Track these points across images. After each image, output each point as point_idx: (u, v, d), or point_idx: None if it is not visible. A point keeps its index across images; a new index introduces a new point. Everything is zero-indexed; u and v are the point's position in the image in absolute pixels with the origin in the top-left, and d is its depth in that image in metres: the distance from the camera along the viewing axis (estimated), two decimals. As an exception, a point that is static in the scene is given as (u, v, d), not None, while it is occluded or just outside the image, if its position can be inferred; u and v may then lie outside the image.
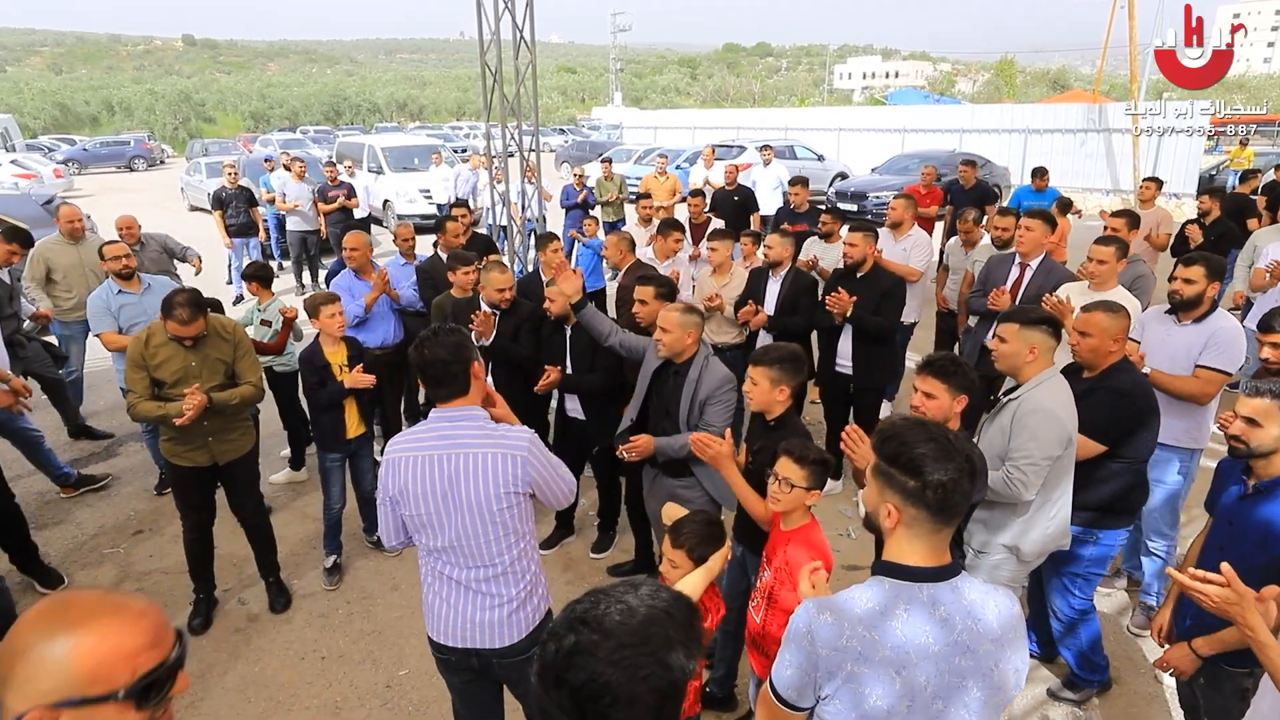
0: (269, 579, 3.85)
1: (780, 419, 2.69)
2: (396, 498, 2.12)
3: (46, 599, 1.01)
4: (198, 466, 3.48)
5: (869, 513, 1.53)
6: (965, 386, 2.51)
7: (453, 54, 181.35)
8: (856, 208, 14.84)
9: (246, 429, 3.66)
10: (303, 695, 3.24)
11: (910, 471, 1.39)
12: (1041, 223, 4.45)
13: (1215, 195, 7.38)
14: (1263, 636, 1.70)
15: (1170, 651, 2.32)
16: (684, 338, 3.06)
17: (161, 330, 3.32)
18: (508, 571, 2.17)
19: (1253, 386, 2.20)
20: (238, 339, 3.52)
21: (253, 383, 3.53)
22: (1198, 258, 3.51)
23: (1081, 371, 2.98)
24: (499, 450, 2.09)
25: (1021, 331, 2.73)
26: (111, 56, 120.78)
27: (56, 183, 19.38)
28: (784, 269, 4.76)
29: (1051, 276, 4.34)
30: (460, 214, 6.29)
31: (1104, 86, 25.84)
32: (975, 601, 1.43)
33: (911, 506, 1.41)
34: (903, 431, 1.45)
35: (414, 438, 2.15)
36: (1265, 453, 2.18)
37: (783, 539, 2.36)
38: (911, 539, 1.43)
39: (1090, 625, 3.06)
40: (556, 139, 34.50)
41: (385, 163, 14.60)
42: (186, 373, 3.33)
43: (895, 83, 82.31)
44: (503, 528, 2.12)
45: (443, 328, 2.20)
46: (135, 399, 3.30)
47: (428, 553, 2.19)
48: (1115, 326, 2.83)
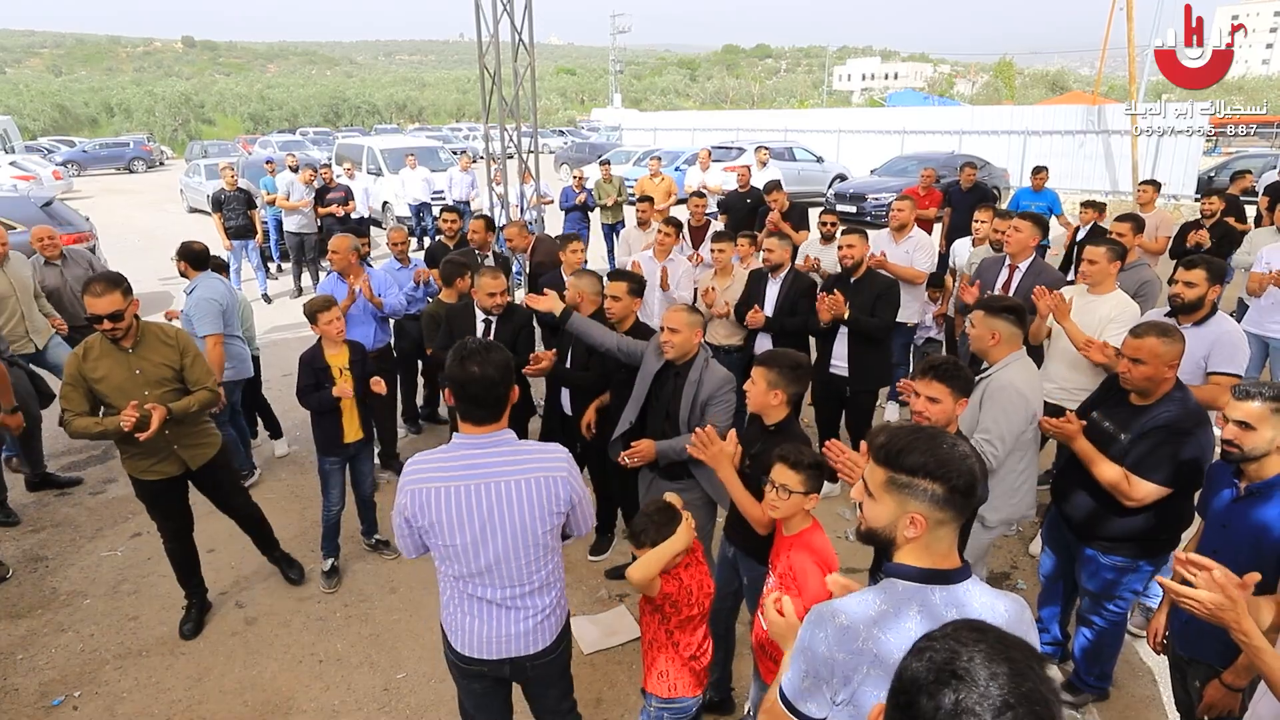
0: (273, 554, 3.89)
1: (780, 424, 2.69)
2: (425, 528, 2.03)
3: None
4: (169, 478, 3.40)
5: (875, 529, 1.49)
6: (967, 389, 2.53)
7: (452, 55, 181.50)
8: (855, 209, 14.85)
9: (211, 429, 3.59)
10: (300, 699, 3.24)
11: (939, 479, 1.40)
12: (1030, 224, 4.49)
13: (1222, 197, 7.41)
14: (1257, 641, 1.70)
15: (1209, 694, 2.26)
16: (692, 337, 3.08)
17: (99, 341, 3.17)
18: (543, 586, 2.16)
19: (1244, 390, 2.20)
20: (182, 344, 3.37)
21: (208, 386, 3.40)
22: (1199, 261, 3.52)
23: (1128, 395, 2.79)
24: (541, 474, 2.04)
25: (986, 319, 3.04)
26: (111, 58, 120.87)
27: (55, 184, 19.36)
28: (784, 271, 4.77)
29: (1041, 278, 4.36)
30: (450, 218, 6.30)
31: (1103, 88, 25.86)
32: (985, 604, 1.43)
33: (939, 511, 1.41)
34: (915, 442, 1.44)
35: (439, 466, 2.03)
36: (1258, 456, 2.19)
37: (785, 544, 2.35)
38: (931, 544, 1.43)
39: (1116, 636, 3.05)
40: (556, 141, 34.51)
41: (384, 164, 14.61)
42: (131, 384, 3.17)
43: (894, 84, 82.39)
44: (542, 548, 2.10)
45: (489, 343, 2.06)
46: (70, 416, 3.11)
47: (456, 578, 2.11)
48: (1170, 352, 2.65)
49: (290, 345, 7.57)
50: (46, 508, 4.77)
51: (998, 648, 0.92)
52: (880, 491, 1.47)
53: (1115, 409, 2.82)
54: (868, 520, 1.51)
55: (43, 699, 3.23)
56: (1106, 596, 2.93)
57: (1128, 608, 3.00)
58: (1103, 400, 2.96)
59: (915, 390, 2.60)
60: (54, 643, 3.58)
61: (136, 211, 18.05)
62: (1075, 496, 2.93)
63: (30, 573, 4.11)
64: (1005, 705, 0.86)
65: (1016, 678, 0.89)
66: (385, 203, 13.79)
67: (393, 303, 5.05)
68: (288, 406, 5.60)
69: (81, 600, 3.89)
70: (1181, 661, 2.49)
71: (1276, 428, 2.16)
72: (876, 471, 1.47)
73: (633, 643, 3.52)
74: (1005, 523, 3.04)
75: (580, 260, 5.03)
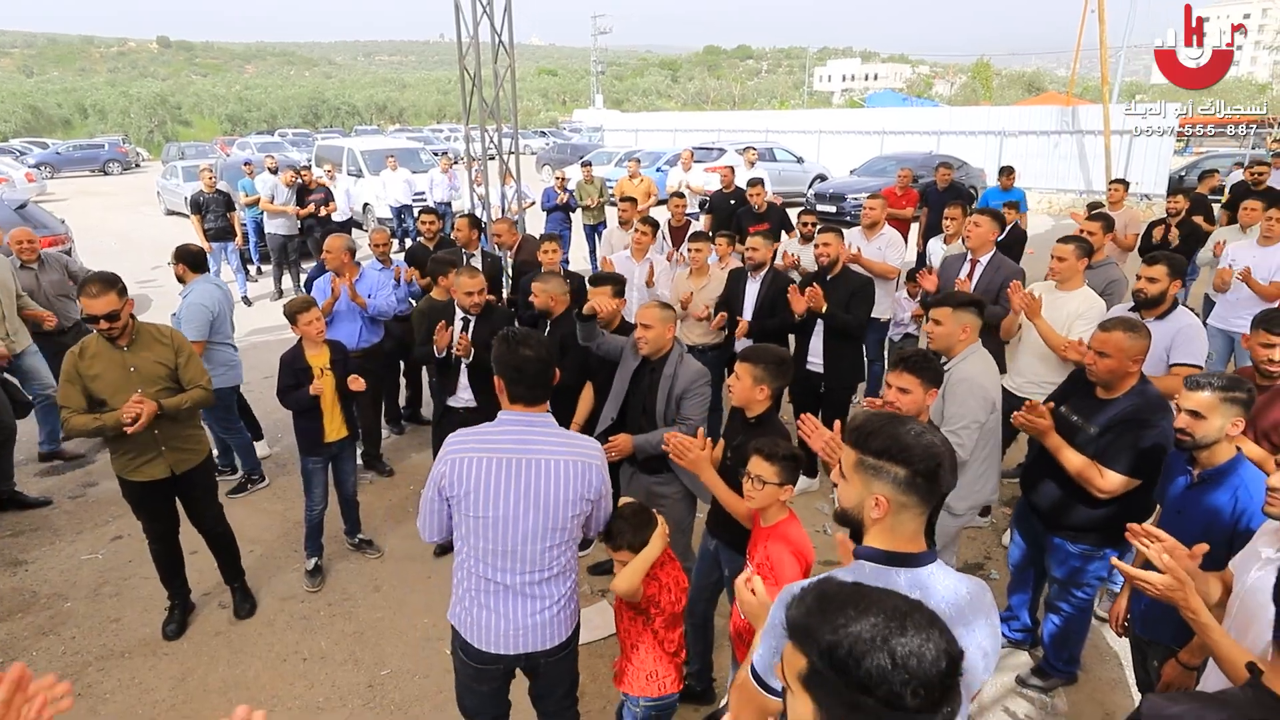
0: (234, 585, 3.84)
1: (760, 417, 2.76)
2: (460, 496, 2.10)
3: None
4: (155, 480, 3.40)
5: (845, 509, 1.57)
6: (937, 380, 2.63)
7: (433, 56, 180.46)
8: (835, 209, 15.00)
9: (200, 436, 3.59)
10: (284, 697, 3.27)
11: (901, 462, 1.46)
12: (989, 220, 4.66)
13: (1188, 195, 7.62)
14: (1204, 618, 1.79)
15: (1166, 672, 2.34)
16: (665, 333, 3.16)
17: (95, 340, 3.23)
18: (560, 573, 2.23)
19: (1195, 381, 2.30)
20: (177, 344, 3.41)
21: (202, 386, 3.44)
22: (1160, 257, 3.64)
23: (1094, 388, 2.89)
24: (579, 459, 2.15)
25: (955, 314, 3.12)
26: (84, 58, 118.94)
27: (29, 187, 19.10)
28: (763, 271, 4.84)
29: (1000, 272, 4.50)
30: (429, 220, 6.35)
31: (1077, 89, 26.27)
32: (948, 587, 1.50)
33: (903, 494, 1.48)
34: (885, 426, 1.52)
35: (483, 439, 2.14)
36: (1209, 444, 2.28)
37: (762, 535, 2.42)
38: (896, 526, 1.50)
39: (1083, 622, 3.14)
40: (537, 142, 34.49)
41: (365, 166, 14.55)
42: (125, 382, 3.21)
43: (874, 85, 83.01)
44: (567, 534, 2.18)
45: (529, 330, 2.22)
46: (69, 414, 3.17)
47: (478, 558, 2.16)
48: (1135, 346, 2.74)
49: (271, 347, 7.55)
50: (25, 512, 4.74)
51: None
52: (850, 472, 1.55)
53: (1082, 402, 2.92)
54: (840, 500, 1.59)
55: (24, 701, 3.22)
56: (1073, 583, 3.03)
57: (1094, 594, 3.10)
58: (1070, 393, 3.05)
59: (888, 382, 2.68)
60: (35, 645, 3.57)
61: (112, 214, 17.83)
62: (1043, 487, 3.03)
63: (10, 576, 4.09)
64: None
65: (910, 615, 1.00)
66: (366, 204, 13.74)
67: (381, 304, 5.06)
68: (269, 408, 5.60)
69: (62, 603, 3.88)
70: (1142, 643, 2.60)
71: (1226, 416, 2.26)
72: (848, 454, 1.55)
73: (614, 637, 3.59)
74: (972, 509, 3.15)
75: (555, 260, 5.07)
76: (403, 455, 5.56)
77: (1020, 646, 3.50)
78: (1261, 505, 1.92)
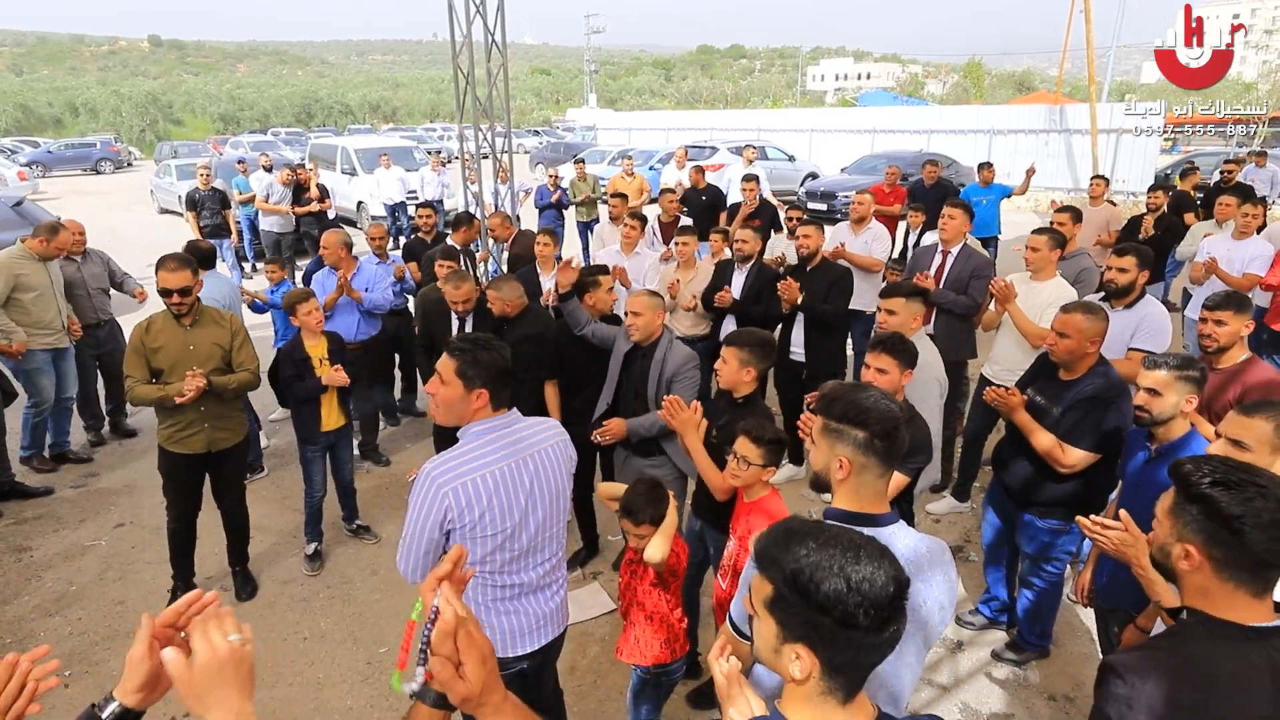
0: (236, 568, 3.97)
1: (747, 398, 2.89)
2: (474, 521, 2.03)
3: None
4: (192, 454, 3.60)
5: (817, 472, 1.71)
6: (912, 362, 2.76)
7: (425, 55, 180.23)
8: (826, 207, 15.15)
9: (241, 419, 3.79)
10: (286, 674, 3.38)
11: (859, 424, 1.60)
12: (962, 212, 4.80)
13: (1167, 191, 7.81)
14: (1151, 574, 1.92)
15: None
16: (654, 319, 3.29)
17: (161, 317, 3.51)
18: (563, 555, 2.35)
19: (1152, 360, 2.44)
20: (235, 327, 3.68)
21: (251, 370, 3.67)
22: (1129, 249, 3.79)
23: (1057, 370, 3.04)
24: (556, 439, 2.25)
25: (908, 303, 3.35)
26: (74, 57, 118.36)
27: (21, 185, 19.08)
28: (750, 263, 4.97)
29: (970, 262, 4.66)
30: (425, 214, 6.49)
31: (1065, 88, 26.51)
32: (909, 545, 1.63)
33: (862, 455, 1.60)
34: (846, 392, 1.66)
35: (473, 458, 2.05)
36: (1165, 419, 2.42)
37: (745, 509, 2.54)
38: (859, 488, 1.63)
39: (1054, 597, 3.28)
40: (531, 140, 34.52)
41: (359, 164, 14.64)
42: (183, 358, 3.46)
43: (867, 84, 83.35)
44: (566, 512, 2.30)
45: (479, 334, 2.23)
46: (133, 383, 3.45)
47: (494, 571, 2.13)
48: (1093, 328, 2.89)
49: (265, 343, 7.61)
50: (28, 500, 4.83)
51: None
52: (818, 437, 1.68)
53: (1046, 385, 3.06)
54: (812, 464, 1.73)
55: (34, 678, 3.33)
56: (1044, 558, 3.17)
57: (1063, 568, 3.24)
58: (1035, 378, 3.19)
59: (866, 363, 2.81)
60: (42, 627, 3.67)
61: (107, 213, 17.82)
62: (1014, 465, 3.17)
63: (15, 562, 4.19)
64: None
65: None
66: (360, 202, 13.83)
67: (377, 297, 5.17)
68: (266, 401, 5.69)
69: (67, 587, 3.98)
70: (1105, 611, 2.74)
71: (1180, 393, 2.40)
72: (817, 421, 1.69)
73: (604, 616, 3.71)
74: (923, 488, 3.23)
75: (550, 254, 5.17)
76: (398, 445, 5.67)
77: (998, 626, 3.63)
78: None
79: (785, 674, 1.15)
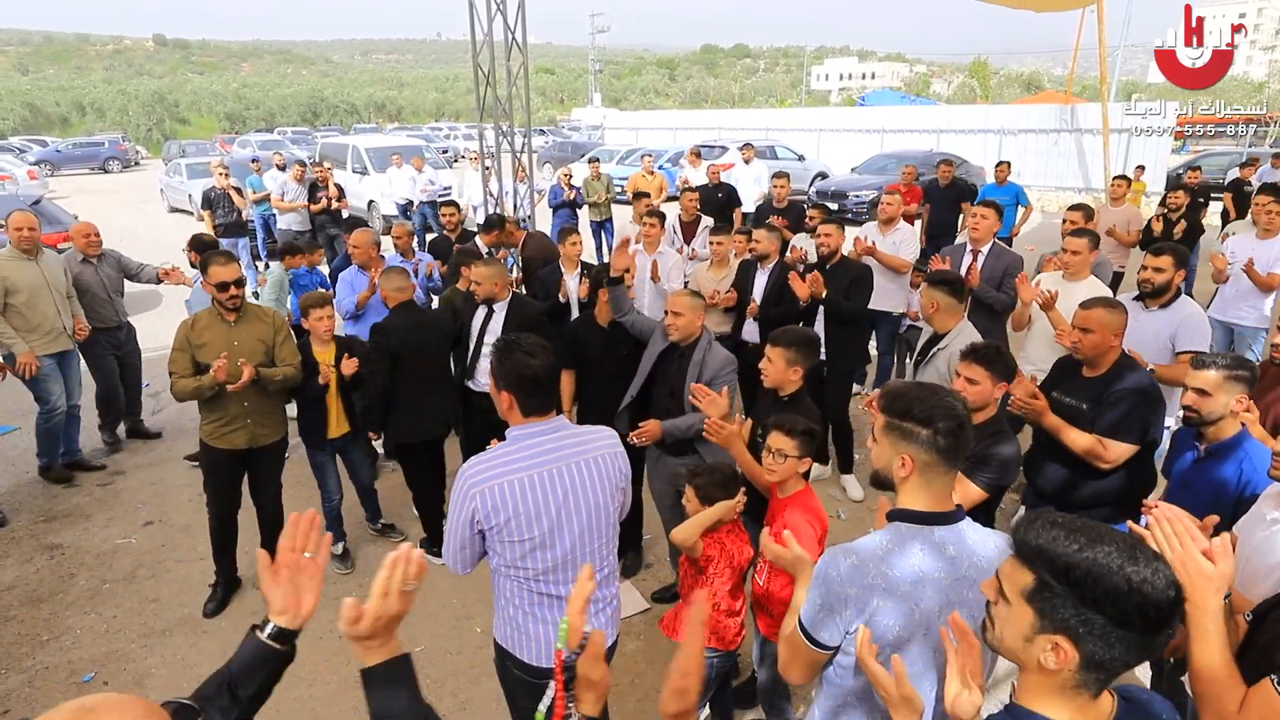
0: None
1: (793, 396, 2.90)
2: (500, 525, 1.97)
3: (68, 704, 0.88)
4: (234, 450, 3.65)
5: (878, 470, 1.69)
6: (1006, 374, 2.72)
7: (430, 54, 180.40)
8: (837, 206, 15.13)
9: (281, 417, 3.84)
10: (322, 672, 3.38)
11: (923, 422, 1.59)
12: (993, 212, 4.85)
13: (1187, 191, 7.85)
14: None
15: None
16: (695, 320, 3.29)
17: (207, 314, 3.60)
18: (610, 573, 2.19)
19: (1201, 360, 2.43)
20: (277, 324, 3.75)
21: (294, 365, 3.72)
22: (1166, 249, 3.79)
23: (1080, 367, 3.04)
24: (605, 451, 2.11)
25: (928, 290, 3.53)
26: (80, 56, 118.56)
27: (32, 184, 19.15)
28: (771, 262, 4.97)
29: (1001, 261, 4.67)
30: (449, 212, 6.52)
31: (1075, 88, 26.44)
32: (978, 541, 1.61)
33: (925, 454, 1.59)
34: (909, 391, 1.65)
35: (506, 462, 2.00)
36: (1214, 420, 2.42)
37: (781, 505, 2.57)
38: (923, 485, 1.61)
39: None
40: (538, 140, 34.54)
41: (369, 163, 14.65)
42: (229, 353, 3.51)
43: (872, 84, 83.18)
44: (612, 530, 2.15)
45: (522, 335, 2.10)
46: (176, 378, 3.51)
47: (531, 578, 2.05)
48: (1115, 322, 2.91)
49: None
50: (55, 499, 4.85)
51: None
52: (880, 435, 1.67)
53: (1072, 384, 3.06)
54: (872, 461, 1.72)
55: (73, 675, 3.35)
56: None
57: None
58: (1057, 381, 3.18)
59: (956, 371, 2.77)
60: (77, 624, 3.69)
61: (117, 211, 17.88)
62: (1046, 470, 3.15)
63: (47, 560, 4.21)
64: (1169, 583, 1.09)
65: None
66: (371, 201, 13.83)
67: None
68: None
69: (100, 584, 4.00)
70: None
71: (1230, 393, 2.39)
72: (879, 418, 1.68)
73: (637, 615, 3.72)
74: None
75: (578, 253, 5.19)
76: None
77: None
78: (1266, 470, 2.05)
79: (1031, 664, 1.17)
